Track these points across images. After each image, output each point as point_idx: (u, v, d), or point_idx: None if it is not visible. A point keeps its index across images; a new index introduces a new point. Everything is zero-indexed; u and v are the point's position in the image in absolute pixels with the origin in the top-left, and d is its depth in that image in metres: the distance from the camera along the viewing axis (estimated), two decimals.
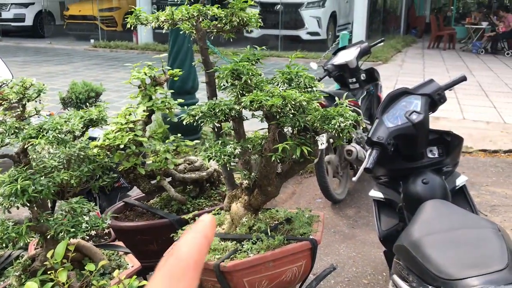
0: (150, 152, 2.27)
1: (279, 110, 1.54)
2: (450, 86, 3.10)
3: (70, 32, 16.39)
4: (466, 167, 5.75)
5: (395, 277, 2.28)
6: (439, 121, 6.59)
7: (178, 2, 5.69)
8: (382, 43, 5.87)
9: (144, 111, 2.16)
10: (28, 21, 16.44)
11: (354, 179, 3.01)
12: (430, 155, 2.98)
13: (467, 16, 17.09)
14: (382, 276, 3.76)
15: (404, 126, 2.82)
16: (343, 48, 5.57)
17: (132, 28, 1.87)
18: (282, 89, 1.62)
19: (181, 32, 1.93)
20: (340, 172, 5.11)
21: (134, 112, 2.20)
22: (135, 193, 3.89)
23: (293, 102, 1.53)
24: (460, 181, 3.11)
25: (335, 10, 14.04)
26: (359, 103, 4.92)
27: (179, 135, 2.40)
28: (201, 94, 6.34)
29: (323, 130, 1.60)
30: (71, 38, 16.49)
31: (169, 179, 2.28)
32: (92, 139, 2.39)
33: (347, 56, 5.15)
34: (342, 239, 4.10)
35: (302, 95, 1.57)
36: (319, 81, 4.49)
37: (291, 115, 1.59)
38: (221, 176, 2.39)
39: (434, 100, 2.98)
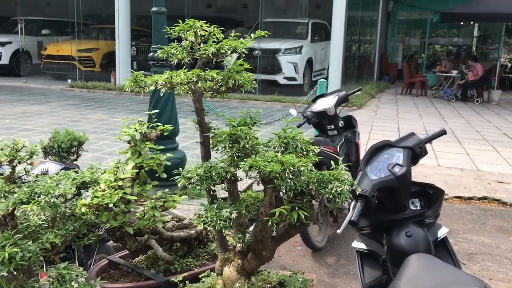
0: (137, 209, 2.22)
1: (277, 175, 1.54)
2: (430, 139, 3.18)
3: (47, 71, 16.29)
4: (443, 214, 5.82)
5: None
6: (415, 167, 6.70)
7: (158, 48, 5.75)
8: (359, 92, 6.03)
9: (133, 167, 2.12)
10: (4, 60, 16.29)
11: (338, 231, 3.00)
12: (412, 207, 3.01)
13: (437, 64, 17.81)
14: None
15: (387, 178, 2.85)
16: (322, 95, 5.71)
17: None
18: (280, 154, 1.62)
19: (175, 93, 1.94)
20: (320, 219, 5.10)
21: (122, 168, 2.17)
22: (111, 242, 3.78)
23: (291, 168, 1.53)
24: (441, 233, 3.14)
25: (311, 56, 14.46)
26: (338, 149, 5.00)
27: (166, 190, 2.36)
28: (181, 137, 6.32)
29: (320, 194, 1.60)
30: (48, 78, 16.37)
31: (156, 236, 2.22)
32: (77, 194, 2.33)
33: (325, 103, 5.27)
34: None
35: (300, 160, 1.58)
36: (298, 127, 4.57)
37: (289, 179, 1.59)
38: (210, 234, 2.35)
39: (416, 153, 3.05)
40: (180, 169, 1.74)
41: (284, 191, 1.67)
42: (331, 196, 1.57)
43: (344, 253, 4.94)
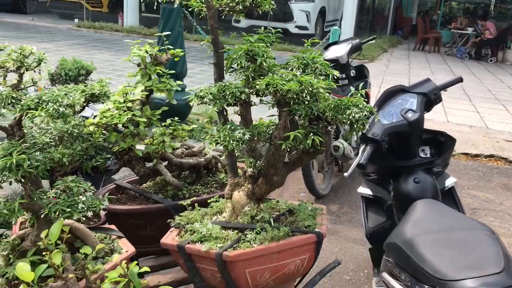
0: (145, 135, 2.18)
1: (294, 96, 1.48)
2: (446, 86, 3.10)
3: (54, 10, 15.96)
4: (448, 169, 5.80)
5: (385, 275, 2.25)
6: (424, 122, 6.63)
7: None
8: (373, 41, 5.88)
9: (142, 90, 2.07)
10: None
11: (346, 174, 2.97)
12: (422, 155, 2.97)
13: (453, 20, 17.32)
14: (364, 273, 3.76)
15: (399, 123, 2.79)
16: (334, 43, 5.56)
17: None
18: (299, 75, 1.55)
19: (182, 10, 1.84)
20: (325, 168, 5.10)
21: (131, 92, 2.11)
22: (117, 177, 3.78)
23: (310, 89, 1.47)
24: (449, 182, 3.11)
25: (324, 6, 14.04)
26: None
27: (176, 118, 2.31)
28: (188, 81, 6.22)
29: (336, 120, 1.54)
30: (54, 16, 16.07)
31: (165, 163, 2.19)
32: (84, 118, 2.28)
33: (338, 51, 5.14)
34: None
35: (319, 81, 1.51)
36: None
37: (306, 102, 1.53)
38: (219, 163, 2.32)
39: (430, 99, 2.97)
40: (192, 93, 1.67)
41: (299, 116, 1.61)
42: (348, 122, 1.51)
43: (347, 201, 4.97)
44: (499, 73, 12.31)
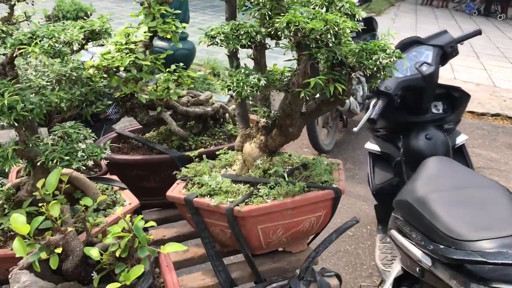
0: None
1: (318, 37, 1.32)
2: (463, 39, 2.93)
3: None
4: None
5: (394, 232, 2.17)
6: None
7: None
8: None
9: (146, 32, 1.90)
10: None
11: (355, 129, 2.86)
12: (434, 111, 2.84)
13: None
14: (367, 230, 3.73)
15: (413, 77, 2.65)
16: None
17: None
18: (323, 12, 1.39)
19: None
20: (330, 123, 5.00)
21: (133, 33, 1.95)
22: (117, 127, 3.67)
23: (335, 28, 1.31)
24: (460, 139, 3.01)
25: None
26: None
27: (181, 64, 2.16)
28: (190, 31, 6.00)
29: (361, 66, 1.39)
30: None
31: (170, 112, 2.06)
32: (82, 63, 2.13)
33: None
34: None
35: (345, 20, 1.35)
36: None
37: (330, 45, 1.37)
38: (227, 114, 2.18)
39: (446, 52, 2.82)
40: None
41: (317, 62, 1.46)
42: (375, 68, 1.37)
43: (351, 158, 4.89)
44: (508, 30, 12.01)
